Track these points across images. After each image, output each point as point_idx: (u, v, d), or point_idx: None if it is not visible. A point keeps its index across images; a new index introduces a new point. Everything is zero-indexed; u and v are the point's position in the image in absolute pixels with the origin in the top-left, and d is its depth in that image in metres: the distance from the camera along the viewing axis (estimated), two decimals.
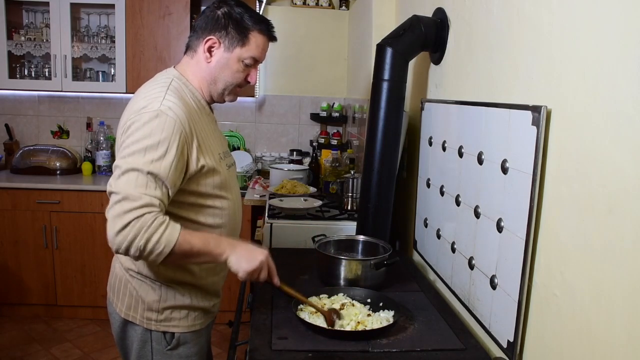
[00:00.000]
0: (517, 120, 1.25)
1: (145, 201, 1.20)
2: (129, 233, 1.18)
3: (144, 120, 1.24)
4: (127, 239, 1.18)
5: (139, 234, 1.18)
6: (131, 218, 1.18)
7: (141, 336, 1.42)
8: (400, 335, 1.38)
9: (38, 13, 3.61)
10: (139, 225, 1.18)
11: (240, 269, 1.31)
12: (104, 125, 3.72)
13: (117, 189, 1.21)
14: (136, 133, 1.24)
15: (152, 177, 1.22)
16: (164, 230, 1.21)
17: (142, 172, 1.21)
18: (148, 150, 1.22)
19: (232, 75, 1.41)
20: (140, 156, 1.22)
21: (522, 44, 1.29)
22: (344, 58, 3.82)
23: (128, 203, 1.19)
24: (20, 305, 3.41)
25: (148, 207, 1.20)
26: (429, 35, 1.89)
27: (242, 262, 1.31)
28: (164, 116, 1.25)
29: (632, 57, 0.90)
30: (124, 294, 1.43)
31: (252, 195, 3.14)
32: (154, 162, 1.22)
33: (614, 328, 0.94)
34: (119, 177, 1.22)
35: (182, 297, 1.42)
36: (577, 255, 1.05)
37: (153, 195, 1.21)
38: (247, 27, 1.38)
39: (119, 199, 1.20)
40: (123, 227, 1.18)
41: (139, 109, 1.27)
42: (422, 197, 2.03)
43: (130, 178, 1.21)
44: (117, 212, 1.19)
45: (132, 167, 1.21)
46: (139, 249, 1.19)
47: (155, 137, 1.23)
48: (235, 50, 1.39)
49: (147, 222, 1.19)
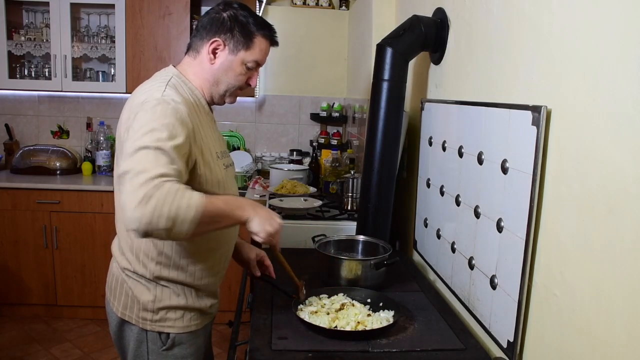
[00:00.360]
0: (517, 120, 1.25)
1: (160, 171, 1.13)
2: (150, 203, 1.08)
3: (147, 108, 1.24)
4: (149, 209, 1.08)
5: (166, 202, 1.09)
6: (149, 187, 1.09)
7: (137, 336, 1.42)
8: (400, 335, 1.38)
9: (38, 13, 3.61)
10: (158, 192, 1.09)
11: (262, 230, 1.28)
12: (104, 125, 3.72)
13: (129, 167, 1.14)
14: (140, 120, 1.22)
15: (163, 154, 1.17)
16: (184, 192, 1.13)
17: (150, 148, 1.16)
18: (154, 131, 1.19)
19: (235, 78, 1.42)
20: (147, 136, 1.18)
21: (522, 44, 1.29)
22: (344, 58, 3.82)
23: (143, 175, 1.11)
24: (20, 305, 3.41)
25: (165, 177, 1.13)
26: (429, 35, 1.89)
27: (265, 225, 1.28)
28: (165, 103, 1.25)
29: (632, 57, 0.90)
30: (121, 293, 1.43)
31: (252, 195, 3.14)
32: (161, 140, 1.18)
33: (614, 328, 0.94)
34: (129, 158, 1.16)
35: (177, 298, 1.41)
36: (577, 255, 1.05)
37: (168, 168, 1.15)
38: (252, 31, 1.39)
39: (133, 175, 1.12)
40: (142, 198, 1.08)
41: (140, 102, 1.27)
42: (422, 197, 2.03)
43: (140, 155, 1.15)
44: (133, 186, 1.10)
45: (141, 146, 1.16)
46: (167, 217, 1.09)
47: (159, 121, 1.21)
48: (240, 53, 1.39)
49: (166, 188, 1.10)
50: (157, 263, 1.38)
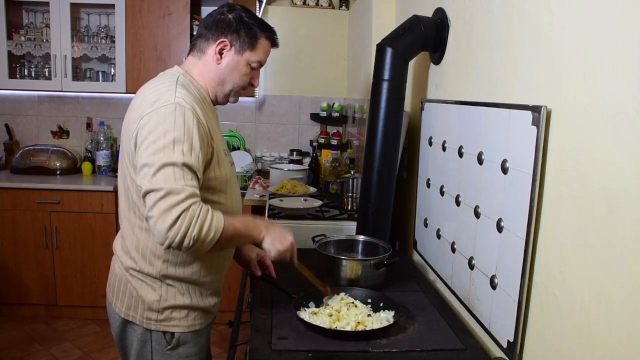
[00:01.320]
0: (517, 120, 1.25)
1: (188, 192, 1.23)
2: (182, 226, 1.21)
3: (164, 113, 1.26)
4: (181, 231, 1.21)
5: (190, 225, 1.21)
6: (180, 211, 1.20)
7: (141, 336, 1.42)
8: (400, 335, 1.38)
9: (38, 13, 3.61)
10: (189, 216, 1.21)
11: (273, 249, 1.40)
12: (104, 125, 3.72)
13: (158, 186, 1.22)
14: (158, 128, 1.25)
15: (188, 169, 1.25)
16: (212, 218, 1.25)
17: (177, 165, 1.23)
18: (176, 143, 1.25)
19: (240, 78, 1.46)
20: (171, 150, 1.24)
21: (522, 44, 1.29)
22: (344, 58, 3.82)
23: (173, 197, 1.21)
24: (20, 305, 3.41)
25: (192, 198, 1.23)
26: (429, 35, 1.89)
27: (276, 243, 1.40)
28: (181, 108, 1.28)
29: (632, 57, 0.90)
30: (124, 293, 1.43)
31: (252, 195, 3.14)
32: (186, 154, 1.25)
33: (614, 328, 0.94)
34: (154, 175, 1.23)
35: (182, 297, 1.42)
36: (577, 255, 1.05)
37: (192, 185, 1.25)
38: (257, 33, 1.44)
39: (162, 195, 1.21)
40: (174, 221, 1.20)
41: (152, 102, 1.29)
42: (422, 197, 2.03)
43: (167, 173, 1.22)
44: (164, 207, 1.21)
45: (166, 162, 1.23)
46: (193, 239, 1.22)
47: (179, 130, 1.26)
48: (246, 54, 1.43)
49: (195, 212, 1.22)
50: (164, 261, 1.39)
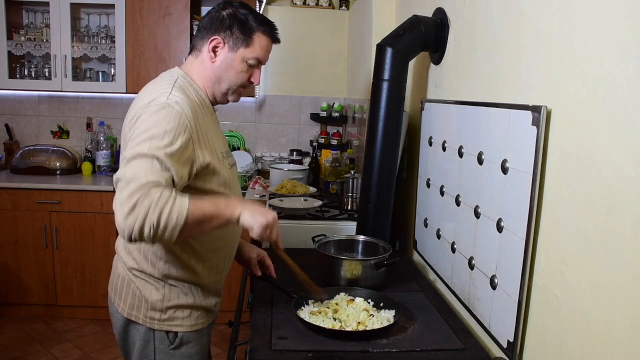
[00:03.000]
0: (517, 120, 1.25)
1: (150, 179, 1.16)
2: (139, 212, 1.13)
3: (151, 112, 1.25)
4: (139, 218, 1.13)
5: (149, 210, 1.13)
6: (138, 197, 1.14)
7: (144, 336, 1.42)
8: (400, 335, 1.38)
9: (38, 13, 3.61)
10: (147, 201, 1.14)
11: (255, 223, 1.27)
12: (104, 125, 3.72)
13: (122, 175, 1.18)
14: (142, 124, 1.24)
15: (158, 162, 1.19)
16: (173, 201, 1.17)
17: (146, 156, 1.19)
18: (154, 138, 1.21)
19: (236, 76, 1.43)
20: (146, 143, 1.20)
21: (522, 44, 1.29)
22: (344, 58, 3.82)
23: (133, 184, 1.15)
24: (20, 305, 3.41)
25: (155, 185, 1.16)
26: (429, 35, 1.89)
27: (257, 216, 1.27)
28: (170, 109, 1.26)
29: (632, 57, 0.90)
30: (127, 293, 1.43)
31: (252, 195, 3.14)
32: (159, 149, 1.20)
33: (614, 328, 0.94)
34: (125, 166, 1.20)
35: (185, 297, 1.42)
36: (577, 255, 1.05)
37: (159, 176, 1.18)
38: (252, 28, 1.40)
39: (124, 183, 1.16)
40: (131, 208, 1.13)
41: (145, 104, 1.28)
42: (422, 197, 2.03)
43: (135, 164, 1.18)
44: (124, 195, 1.15)
45: (137, 154, 1.19)
46: (153, 226, 1.14)
47: (161, 127, 1.22)
48: (240, 51, 1.40)
49: (154, 197, 1.14)
50: (165, 262, 1.39)
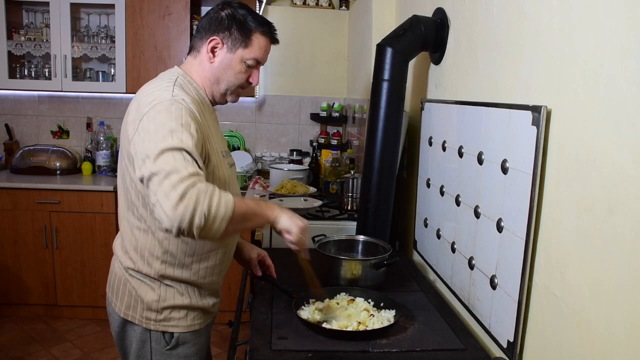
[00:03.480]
0: (517, 120, 1.25)
1: (191, 170, 1.15)
2: (189, 202, 1.11)
3: (161, 109, 1.24)
4: (190, 208, 1.11)
5: (199, 200, 1.12)
6: (185, 186, 1.12)
7: (140, 336, 1.42)
8: (400, 335, 1.38)
9: (38, 13, 3.61)
10: (195, 191, 1.12)
11: (294, 225, 1.32)
12: (104, 125, 3.72)
13: (158, 169, 1.15)
14: (155, 121, 1.22)
15: (188, 154, 1.19)
16: (220, 194, 1.17)
17: (176, 149, 1.18)
18: (174, 132, 1.20)
19: (235, 76, 1.43)
20: (169, 137, 1.19)
21: (522, 44, 1.29)
22: (344, 58, 3.82)
23: (175, 175, 1.13)
24: (20, 305, 3.41)
25: (196, 176, 1.16)
26: (429, 35, 1.89)
27: (295, 219, 1.33)
28: (177, 104, 1.26)
29: (632, 57, 0.90)
30: (123, 293, 1.43)
31: (252, 195, 3.14)
32: (183, 142, 1.19)
33: (613, 328, 0.94)
34: (154, 161, 1.16)
35: (181, 297, 1.42)
36: (577, 255, 1.05)
37: (195, 167, 1.18)
38: (250, 29, 1.40)
39: (164, 176, 1.13)
40: (180, 197, 1.11)
41: (149, 102, 1.28)
42: (422, 197, 2.03)
43: (167, 157, 1.16)
44: (167, 187, 1.12)
45: (166, 147, 1.17)
46: (204, 215, 1.12)
47: (177, 122, 1.22)
48: (238, 51, 1.40)
49: (201, 187, 1.14)
50: (162, 262, 1.38)
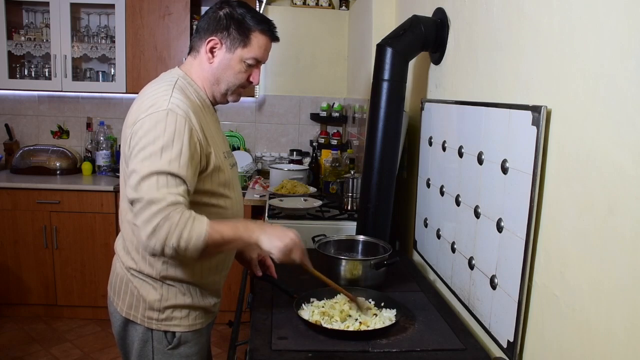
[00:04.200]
0: (517, 120, 1.25)
1: (169, 200, 1.21)
2: (160, 234, 1.19)
3: (154, 120, 1.25)
4: (159, 240, 1.20)
5: (169, 233, 1.19)
6: (159, 219, 1.19)
7: (142, 335, 1.42)
8: (400, 335, 1.38)
9: (38, 13, 3.61)
10: (167, 224, 1.19)
11: (273, 247, 1.30)
12: (104, 125, 3.72)
13: (140, 195, 1.22)
14: (149, 134, 1.25)
15: (172, 177, 1.23)
16: (192, 224, 1.22)
17: (162, 173, 1.22)
18: (164, 150, 1.23)
19: (235, 76, 1.42)
20: (157, 158, 1.23)
21: (522, 44, 1.29)
22: (344, 58, 3.82)
23: (154, 206, 1.20)
24: (20, 305, 3.41)
25: (173, 206, 1.21)
26: (429, 35, 1.89)
27: (274, 241, 1.30)
28: (173, 114, 1.26)
29: (632, 57, 0.90)
30: (125, 293, 1.43)
31: (252, 195, 3.14)
32: (172, 162, 1.23)
33: (613, 328, 0.94)
34: (139, 183, 1.22)
35: (183, 297, 1.42)
36: (577, 255, 1.05)
37: (176, 192, 1.23)
38: (249, 28, 1.39)
39: (144, 205, 1.21)
40: (153, 230, 1.20)
41: (146, 108, 1.28)
42: (422, 197, 2.03)
43: (151, 182, 1.21)
44: (145, 217, 1.20)
45: (151, 171, 1.22)
46: (173, 248, 1.21)
47: (168, 136, 1.24)
48: (237, 51, 1.39)
49: (174, 220, 1.20)
50: (163, 262, 1.38)
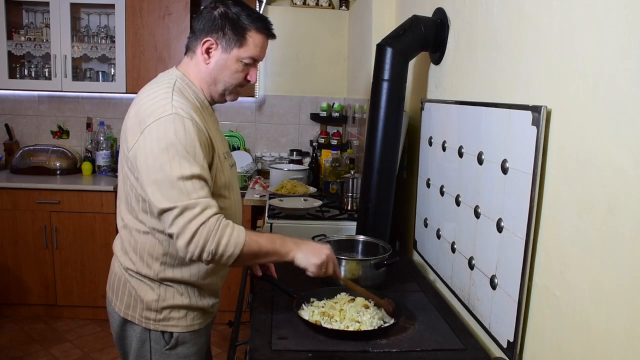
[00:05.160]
0: (517, 120, 1.25)
1: (202, 205, 1.22)
2: (199, 241, 1.21)
3: (164, 125, 1.25)
4: (199, 246, 1.21)
5: (208, 240, 1.22)
6: (197, 226, 1.21)
7: (140, 336, 1.42)
8: (400, 335, 1.38)
9: (38, 13, 3.61)
10: (206, 231, 1.21)
11: (309, 264, 1.35)
12: (104, 125, 3.72)
13: (172, 204, 1.22)
14: (161, 141, 1.24)
15: (197, 179, 1.24)
16: (232, 232, 1.24)
17: (185, 178, 1.23)
18: (181, 155, 1.24)
19: (231, 76, 1.41)
20: (177, 164, 1.23)
21: (522, 44, 1.29)
22: (344, 58, 3.82)
23: (188, 212, 1.21)
24: (20, 305, 3.41)
25: (209, 210, 1.23)
26: (429, 35, 1.89)
27: (310, 258, 1.35)
28: (179, 118, 1.26)
29: (632, 57, 0.90)
30: (123, 293, 1.43)
31: (252, 195, 3.14)
32: (192, 165, 1.24)
33: (613, 328, 0.94)
34: (165, 193, 1.23)
35: (180, 297, 1.42)
36: (577, 255, 1.05)
37: (205, 196, 1.24)
38: (244, 27, 1.37)
39: (178, 213, 1.22)
40: (191, 236, 1.21)
41: (150, 112, 1.27)
42: (422, 197, 2.03)
43: (178, 188, 1.22)
44: (181, 224, 1.21)
45: (175, 177, 1.22)
46: (211, 253, 1.23)
47: (181, 141, 1.24)
48: (233, 51, 1.38)
49: (213, 226, 1.22)
50: (161, 263, 1.38)
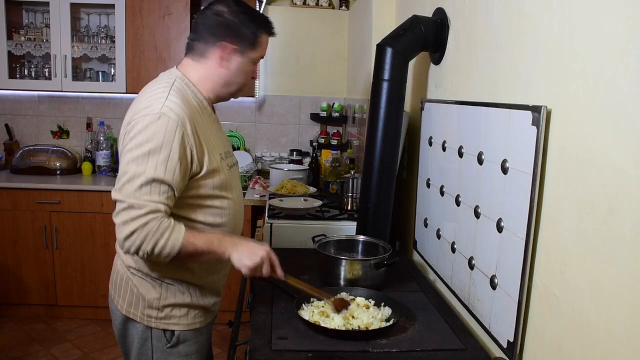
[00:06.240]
0: (517, 120, 1.25)
1: (149, 208, 1.24)
2: (136, 239, 1.24)
3: (146, 122, 1.26)
4: (134, 245, 1.24)
5: (145, 240, 1.24)
6: (137, 225, 1.23)
7: (142, 333, 1.43)
8: (400, 335, 1.38)
9: (38, 13, 3.61)
10: (145, 231, 1.23)
11: (242, 266, 1.35)
12: (104, 125, 3.72)
13: (122, 197, 1.25)
14: (138, 136, 1.26)
15: (157, 183, 1.25)
16: (169, 234, 1.26)
17: (146, 178, 1.24)
18: (151, 154, 1.24)
19: (245, 77, 1.46)
20: (144, 162, 1.24)
21: (522, 44, 1.29)
22: (344, 58, 3.82)
23: (133, 211, 1.23)
24: (20, 305, 3.41)
25: (153, 214, 1.24)
26: (429, 35, 1.89)
27: (243, 259, 1.34)
28: (165, 118, 1.27)
29: (632, 57, 0.90)
30: (125, 291, 1.44)
31: (252, 195, 3.14)
32: (158, 167, 1.25)
33: (613, 328, 0.94)
34: (123, 185, 1.25)
35: (182, 295, 1.42)
36: (577, 255, 1.05)
37: (157, 201, 1.25)
38: (256, 30, 1.41)
39: (124, 207, 1.24)
40: (130, 233, 1.24)
41: (140, 110, 1.29)
42: (422, 197, 2.03)
43: (134, 185, 1.24)
44: (124, 219, 1.24)
45: (136, 174, 1.24)
46: (146, 253, 1.25)
47: (157, 140, 1.25)
48: (248, 54, 1.42)
49: (152, 228, 1.24)
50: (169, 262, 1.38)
